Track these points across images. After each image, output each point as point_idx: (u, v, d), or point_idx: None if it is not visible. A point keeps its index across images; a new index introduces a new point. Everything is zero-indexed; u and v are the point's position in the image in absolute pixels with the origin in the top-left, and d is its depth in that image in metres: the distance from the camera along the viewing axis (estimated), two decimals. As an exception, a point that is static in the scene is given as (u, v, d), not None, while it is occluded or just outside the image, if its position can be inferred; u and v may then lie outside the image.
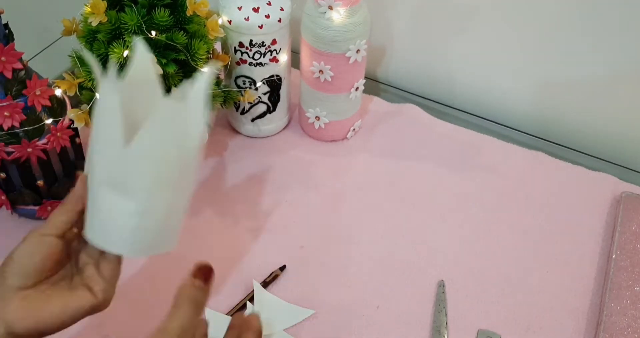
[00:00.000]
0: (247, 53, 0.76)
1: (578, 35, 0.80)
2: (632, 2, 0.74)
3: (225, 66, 0.78)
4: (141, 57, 0.49)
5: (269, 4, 0.74)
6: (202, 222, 0.76)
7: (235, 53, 0.77)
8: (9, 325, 0.47)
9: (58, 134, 0.67)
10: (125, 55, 0.65)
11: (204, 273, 0.50)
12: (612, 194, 0.80)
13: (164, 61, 0.67)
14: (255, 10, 0.73)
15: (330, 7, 0.71)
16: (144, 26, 0.66)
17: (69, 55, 0.70)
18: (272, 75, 0.79)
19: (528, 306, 0.69)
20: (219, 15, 0.74)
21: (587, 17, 0.77)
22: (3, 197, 0.70)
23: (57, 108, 0.67)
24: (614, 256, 0.71)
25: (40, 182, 0.69)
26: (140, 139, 0.44)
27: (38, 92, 0.64)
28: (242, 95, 0.79)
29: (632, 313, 0.66)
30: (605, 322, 0.66)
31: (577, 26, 0.79)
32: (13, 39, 0.62)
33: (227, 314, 0.67)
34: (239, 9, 0.73)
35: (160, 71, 0.66)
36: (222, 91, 0.76)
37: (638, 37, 0.76)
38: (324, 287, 0.70)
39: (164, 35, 0.67)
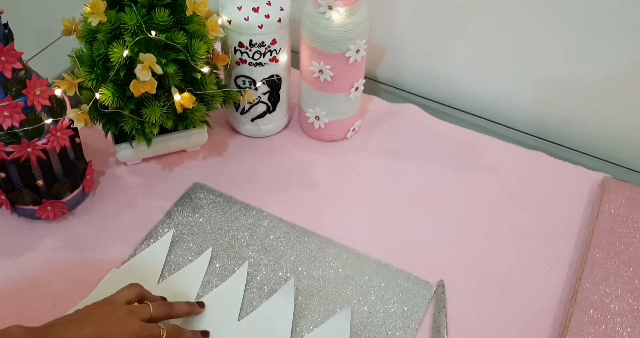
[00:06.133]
0: (247, 53, 0.76)
1: (578, 36, 0.80)
2: (631, 3, 0.74)
3: (225, 66, 0.78)
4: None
5: (269, 3, 0.74)
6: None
7: (235, 53, 0.77)
8: None
9: (58, 133, 0.67)
10: (125, 55, 0.65)
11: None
12: (612, 194, 0.81)
13: (163, 61, 0.67)
14: (255, 10, 0.73)
15: (330, 7, 0.71)
16: (143, 26, 0.66)
17: (69, 55, 0.70)
18: (272, 75, 0.79)
19: (528, 306, 0.69)
20: (218, 15, 0.74)
21: (587, 17, 0.77)
22: (3, 197, 0.70)
23: (56, 108, 0.67)
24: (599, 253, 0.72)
25: (40, 182, 0.69)
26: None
27: (38, 92, 0.63)
28: (242, 95, 0.79)
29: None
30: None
31: (577, 26, 0.79)
32: (13, 39, 0.62)
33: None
34: (239, 8, 0.73)
35: (160, 71, 0.66)
36: (222, 91, 0.76)
37: (638, 37, 0.76)
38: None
39: (164, 35, 0.67)
